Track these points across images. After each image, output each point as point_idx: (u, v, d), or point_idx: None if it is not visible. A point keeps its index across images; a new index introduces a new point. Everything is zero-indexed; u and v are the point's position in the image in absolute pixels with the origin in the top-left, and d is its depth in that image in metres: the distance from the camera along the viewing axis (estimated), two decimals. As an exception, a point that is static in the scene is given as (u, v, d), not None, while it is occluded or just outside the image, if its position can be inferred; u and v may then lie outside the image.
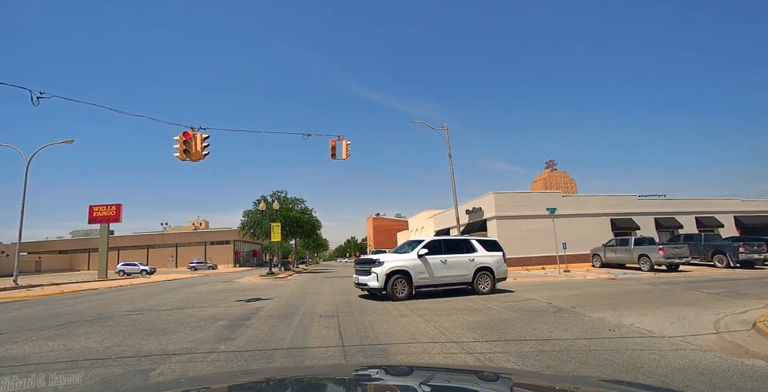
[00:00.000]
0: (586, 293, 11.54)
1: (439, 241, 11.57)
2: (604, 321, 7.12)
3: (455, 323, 7.11)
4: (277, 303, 10.55)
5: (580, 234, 24.47)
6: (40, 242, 73.47)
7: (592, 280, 15.72)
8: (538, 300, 10.11)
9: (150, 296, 14.25)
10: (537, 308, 8.77)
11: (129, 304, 11.44)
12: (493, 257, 11.92)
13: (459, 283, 11.34)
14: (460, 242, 11.93)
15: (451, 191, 20.63)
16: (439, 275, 10.94)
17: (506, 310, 8.51)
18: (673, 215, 27.59)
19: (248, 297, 11.97)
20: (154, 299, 12.85)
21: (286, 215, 29.75)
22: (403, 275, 10.51)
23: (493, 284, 11.66)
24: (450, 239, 12.12)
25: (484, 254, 11.78)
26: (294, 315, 8.40)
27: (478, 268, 11.50)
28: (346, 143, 13.97)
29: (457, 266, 11.24)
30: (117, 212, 35.66)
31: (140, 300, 12.81)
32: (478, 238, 12.61)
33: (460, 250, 11.59)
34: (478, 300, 10.29)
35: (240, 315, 8.56)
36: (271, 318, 8.05)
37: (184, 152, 10.01)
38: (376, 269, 10.37)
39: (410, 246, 11.45)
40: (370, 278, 10.44)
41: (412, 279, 10.52)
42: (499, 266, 11.92)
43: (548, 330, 6.40)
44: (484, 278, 11.58)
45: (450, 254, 11.26)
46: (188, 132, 10.06)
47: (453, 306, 9.24)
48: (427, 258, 10.85)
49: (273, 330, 6.76)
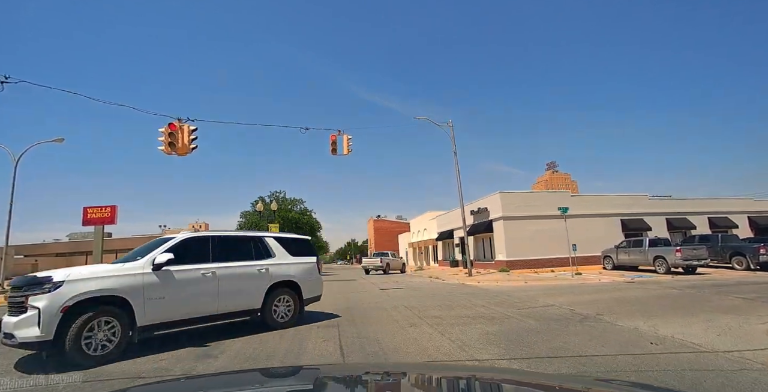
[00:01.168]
0: (606, 298, 10.67)
1: (205, 239, 6.62)
2: (640, 332, 6.25)
3: (473, 334, 6.22)
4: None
5: (590, 235, 23.53)
6: (37, 244, 72.44)
7: (609, 283, 14.82)
8: (558, 306, 9.22)
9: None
10: (560, 315, 7.88)
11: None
12: (301, 266, 7.76)
13: (239, 313, 6.70)
14: (243, 242, 7.17)
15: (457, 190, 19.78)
16: (199, 303, 6.10)
17: (526, 318, 7.62)
18: (685, 216, 26.67)
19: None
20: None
21: (285, 216, 28.79)
22: (113, 308, 5.18)
23: (298, 309, 7.44)
24: (226, 235, 7.06)
25: (287, 261, 7.53)
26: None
27: (274, 284, 7.15)
28: (348, 137, 13.11)
29: (238, 283, 6.65)
30: (112, 213, 34.69)
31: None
32: (277, 235, 8.07)
33: (243, 255, 6.96)
34: (490, 307, 9.39)
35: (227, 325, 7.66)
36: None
37: (169, 146, 9.13)
38: (40, 301, 4.73)
39: (148, 251, 6.04)
40: (24, 321, 4.68)
41: (135, 314, 5.35)
42: (308, 279, 7.81)
43: (582, 344, 5.53)
44: (284, 302, 7.25)
45: (224, 263, 6.52)
46: (174, 124, 9.20)
47: (466, 313, 8.34)
48: (173, 272, 5.84)
49: (263, 344, 5.87)
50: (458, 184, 19.34)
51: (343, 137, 13.12)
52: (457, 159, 19.28)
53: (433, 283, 17.74)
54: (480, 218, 26.48)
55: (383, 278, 22.33)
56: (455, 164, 19.29)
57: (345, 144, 13.15)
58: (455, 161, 19.28)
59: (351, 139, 13.16)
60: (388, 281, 19.28)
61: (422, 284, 17.36)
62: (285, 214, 28.90)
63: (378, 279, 21.70)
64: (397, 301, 10.65)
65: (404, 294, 12.81)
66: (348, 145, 13.15)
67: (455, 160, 19.29)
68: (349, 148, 13.15)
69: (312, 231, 34.29)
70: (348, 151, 13.15)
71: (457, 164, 19.33)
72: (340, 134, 13.10)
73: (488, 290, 13.61)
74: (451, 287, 15.00)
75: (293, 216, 29.43)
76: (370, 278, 22.79)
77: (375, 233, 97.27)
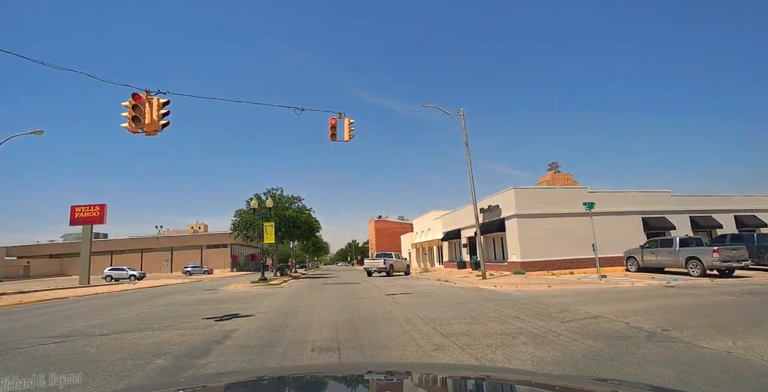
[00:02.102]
0: (656, 306, 9.01)
1: None
2: (737, 357, 4.69)
3: (523, 362, 4.55)
4: (257, 323, 7.91)
5: (609, 235, 21.79)
6: (30, 245, 70.79)
7: (645, 288, 13.12)
8: (606, 317, 7.54)
9: (108, 309, 11.71)
10: (618, 332, 6.21)
11: (68, 323, 8.87)
12: None
13: None
14: None
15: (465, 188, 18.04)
16: None
17: (578, 335, 5.94)
18: (710, 214, 24.93)
19: (223, 313, 9.31)
20: (106, 314, 10.29)
21: (282, 215, 26.99)
22: None
23: None
24: None
25: None
26: (275, 345, 5.80)
27: None
28: (349, 121, 11.42)
29: None
30: (101, 212, 33.06)
31: (89, 315, 10.27)
32: None
33: None
34: (526, 319, 7.69)
35: (198, 344, 5.97)
36: (241, 350, 5.47)
37: (133, 120, 7.45)
38: None
39: None
40: None
41: None
42: None
43: (677, 378, 3.95)
44: None
45: None
46: (140, 94, 7.53)
47: (500, 328, 6.64)
48: None
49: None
50: (470, 177, 17.64)
51: (344, 121, 11.43)
52: (468, 150, 17.60)
53: (445, 287, 16.03)
54: (491, 217, 24.75)
55: (388, 281, 20.62)
56: (467, 156, 17.60)
57: (346, 129, 11.47)
58: (467, 152, 17.59)
59: (353, 123, 11.47)
60: (394, 285, 17.57)
61: (432, 288, 15.65)
62: (281, 212, 27.10)
63: (382, 282, 19.99)
64: (409, 310, 8.94)
65: (415, 300, 11.11)
66: (350, 130, 11.46)
67: (467, 151, 17.59)
68: (350, 133, 11.46)
69: (311, 231, 32.50)
70: (350, 136, 11.46)
71: (468, 155, 17.64)
72: (341, 118, 11.43)
73: (510, 295, 11.91)
74: (466, 292, 13.29)
75: (290, 214, 27.60)
76: (373, 281, 21.07)
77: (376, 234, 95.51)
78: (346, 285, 18.67)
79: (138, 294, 18.43)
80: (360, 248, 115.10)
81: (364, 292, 14.21)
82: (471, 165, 17.63)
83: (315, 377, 1.67)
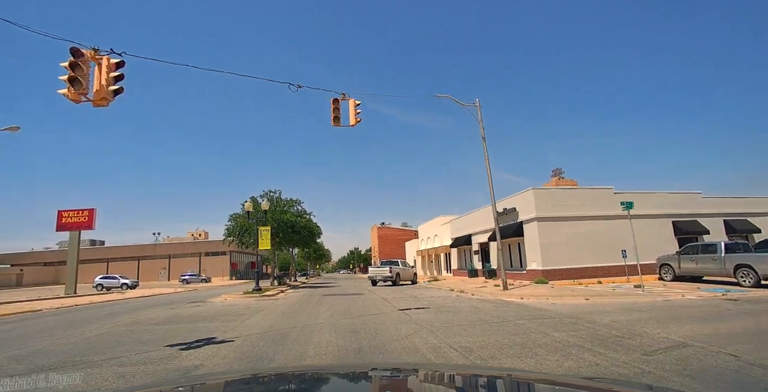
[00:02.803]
0: (745, 327, 7.15)
1: None
2: None
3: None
4: (232, 353, 5.94)
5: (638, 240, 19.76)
6: (24, 253, 69.01)
7: (702, 302, 11.16)
8: (696, 345, 5.63)
9: (68, 327, 9.83)
10: (733, 371, 4.34)
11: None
12: None
13: None
14: None
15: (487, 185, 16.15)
16: None
17: (688, 380, 4.08)
18: (745, 217, 22.90)
19: (195, 338, 7.31)
20: (56, 335, 8.42)
21: (279, 219, 25.04)
22: None
23: None
24: None
25: None
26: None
27: None
28: (355, 102, 9.61)
29: None
30: (89, 218, 31.26)
31: (38, 336, 8.42)
32: None
33: None
34: (595, 350, 5.78)
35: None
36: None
37: (72, 84, 5.65)
38: None
39: None
40: None
41: None
42: None
43: None
44: None
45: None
46: (81, 50, 5.74)
47: (568, 366, 4.72)
48: None
49: None
50: (488, 174, 15.75)
51: (348, 102, 9.64)
52: (485, 145, 15.73)
53: (463, 299, 14.05)
54: (507, 220, 22.78)
55: (395, 292, 18.62)
56: (484, 152, 15.73)
57: (352, 111, 9.67)
58: (484, 147, 15.73)
59: (359, 105, 9.66)
60: (404, 297, 15.59)
61: (449, 300, 13.67)
62: (279, 216, 25.12)
63: (389, 293, 17.99)
64: (432, 335, 7.00)
65: (436, 318, 9.14)
66: (356, 113, 9.67)
67: (484, 146, 15.73)
68: (357, 117, 9.66)
69: (311, 236, 30.52)
70: (356, 120, 9.63)
71: (485, 151, 15.78)
72: (345, 99, 9.64)
73: (547, 311, 9.97)
74: (492, 307, 11.33)
75: (288, 218, 25.57)
76: (379, 292, 19.07)
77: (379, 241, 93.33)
78: (349, 297, 16.69)
79: (117, 306, 16.56)
80: (362, 255, 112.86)
81: (372, 306, 12.25)
82: (488, 161, 15.76)
83: (318, 375, 1.63)
